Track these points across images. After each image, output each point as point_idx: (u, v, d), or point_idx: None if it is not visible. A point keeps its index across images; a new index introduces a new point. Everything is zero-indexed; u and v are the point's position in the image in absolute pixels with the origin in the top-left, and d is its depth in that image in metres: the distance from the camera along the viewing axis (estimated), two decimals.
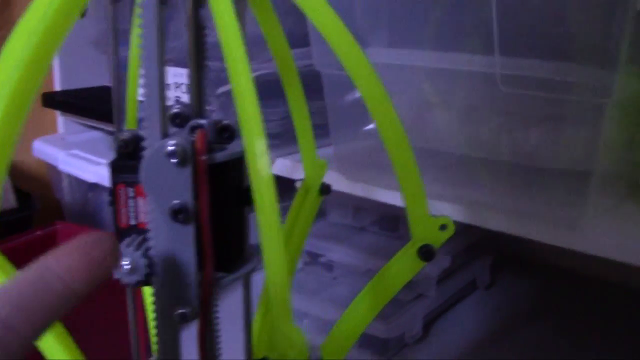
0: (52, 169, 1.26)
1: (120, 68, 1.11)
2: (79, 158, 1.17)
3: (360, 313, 0.50)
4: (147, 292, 0.59)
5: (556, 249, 1.22)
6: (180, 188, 0.41)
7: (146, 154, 0.41)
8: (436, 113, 0.75)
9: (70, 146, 1.23)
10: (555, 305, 1.14)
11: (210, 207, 0.42)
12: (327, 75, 0.78)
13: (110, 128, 1.21)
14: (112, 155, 1.13)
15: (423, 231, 0.49)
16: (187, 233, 0.42)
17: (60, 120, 1.35)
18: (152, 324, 0.61)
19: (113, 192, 0.45)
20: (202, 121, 0.45)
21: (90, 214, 1.27)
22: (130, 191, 0.45)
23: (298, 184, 0.63)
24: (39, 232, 1.04)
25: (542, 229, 0.66)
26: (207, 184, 0.42)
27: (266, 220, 0.35)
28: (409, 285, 0.98)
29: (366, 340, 0.96)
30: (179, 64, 0.94)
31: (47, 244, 1.05)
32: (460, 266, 1.12)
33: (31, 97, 0.39)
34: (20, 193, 1.18)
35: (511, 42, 0.63)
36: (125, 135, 0.45)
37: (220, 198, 0.44)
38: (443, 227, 0.50)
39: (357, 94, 0.78)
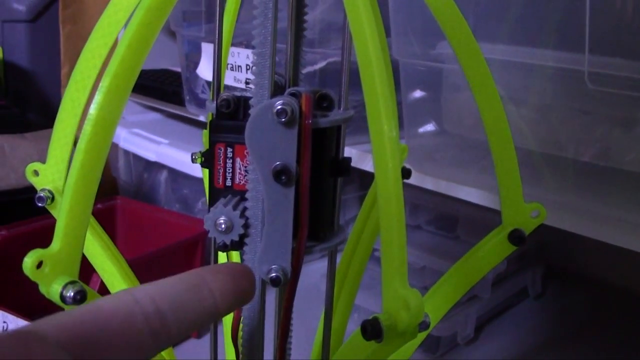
0: (112, 146, 1.27)
1: (185, 46, 1.11)
2: (141, 137, 1.18)
3: (445, 293, 0.50)
4: (233, 257, 0.59)
5: (608, 264, 1.21)
6: (285, 149, 0.41)
7: (254, 111, 0.41)
8: (512, 108, 0.74)
9: (131, 125, 1.24)
10: (604, 322, 1.12)
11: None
12: (405, 65, 0.78)
13: (170, 109, 1.22)
14: (171, 136, 1.14)
15: (515, 216, 0.49)
16: (288, 196, 0.41)
17: None
18: None
19: (211, 151, 0.45)
20: (301, 89, 0.45)
21: (144, 193, 1.28)
22: (229, 151, 0.44)
23: None
24: (99, 205, 1.05)
25: (616, 234, 0.65)
26: (311, 147, 0.41)
27: (384, 172, 0.34)
28: None
29: None
30: (248, 46, 0.94)
31: (107, 216, 1.06)
32: (514, 273, 1.11)
33: (135, 73, 0.40)
34: None
35: (602, 40, 0.62)
36: (226, 96, 0.45)
37: (318, 165, 0.44)
38: (535, 214, 0.49)
39: (434, 85, 0.78)
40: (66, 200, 0.37)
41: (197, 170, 1.02)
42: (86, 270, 0.45)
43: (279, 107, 0.40)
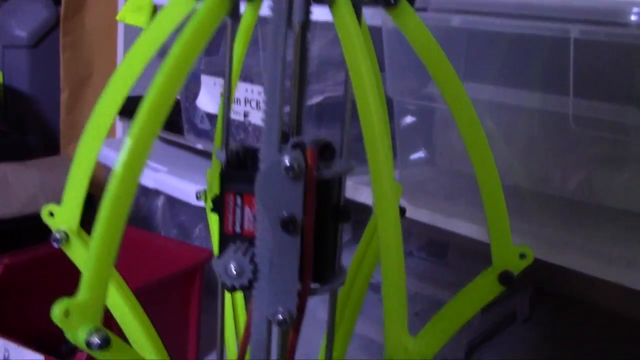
0: (109, 171, 1.29)
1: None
2: None
3: (438, 331, 0.53)
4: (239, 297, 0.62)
5: (594, 286, 1.24)
6: (292, 200, 0.44)
7: (263, 166, 0.44)
8: (498, 146, 0.77)
9: None
10: (591, 344, 1.15)
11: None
12: (398, 102, 0.81)
13: (168, 137, 1.25)
14: (169, 163, 1.17)
15: (504, 258, 0.52)
16: (293, 243, 0.44)
17: (119, 125, 1.39)
18: (229, 325, 0.64)
19: (222, 199, 0.48)
20: (304, 139, 0.48)
21: (141, 219, 1.30)
22: (239, 199, 0.47)
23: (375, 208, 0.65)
24: None
25: (599, 266, 0.68)
26: (315, 198, 0.45)
27: (386, 226, 0.37)
28: None
29: None
30: (247, 79, 0.97)
31: None
32: (502, 297, 1.14)
33: (156, 132, 0.43)
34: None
35: (585, 84, 0.66)
36: (235, 147, 0.48)
37: (321, 213, 0.47)
38: (522, 256, 0.53)
39: (426, 121, 0.81)
40: (92, 255, 0.40)
41: (195, 198, 1.05)
42: None
43: (288, 163, 0.43)
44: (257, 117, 0.95)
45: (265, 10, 0.54)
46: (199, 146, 1.14)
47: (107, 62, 1.40)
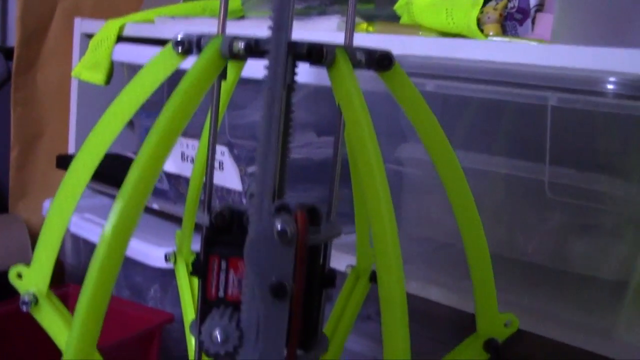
0: None
1: (143, 136, 1.13)
2: (92, 222, 1.18)
3: None
4: None
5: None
6: (282, 266, 0.42)
7: (254, 231, 0.43)
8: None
9: (81, 209, 1.24)
10: None
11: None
12: None
13: None
14: None
15: (490, 326, 0.51)
16: (282, 309, 0.43)
17: None
18: None
19: (205, 263, 0.46)
20: (287, 202, 0.47)
21: None
22: (224, 263, 0.46)
23: (348, 270, 0.64)
24: None
25: (575, 334, 0.68)
26: (305, 264, 0.43)
27: (392, 300, 0.36)
28: None
29: None
30: None
31: None
32: None
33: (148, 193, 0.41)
34: None
35: (561, 152, 0.66)
36: (220, 208, 0.47)
37: (309, 279, 0.45)
38: (507, 324, 0.52)
39: (394, 185, 0.81)
40: (76, 326, 0.38)
41: (151, 259, 1.02)
42: None
43: (280, 228, 0.42)
44: (220, 178, 0.94)
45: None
46: (155, 206, 1.12)
47: (60, 119, 1.38)
